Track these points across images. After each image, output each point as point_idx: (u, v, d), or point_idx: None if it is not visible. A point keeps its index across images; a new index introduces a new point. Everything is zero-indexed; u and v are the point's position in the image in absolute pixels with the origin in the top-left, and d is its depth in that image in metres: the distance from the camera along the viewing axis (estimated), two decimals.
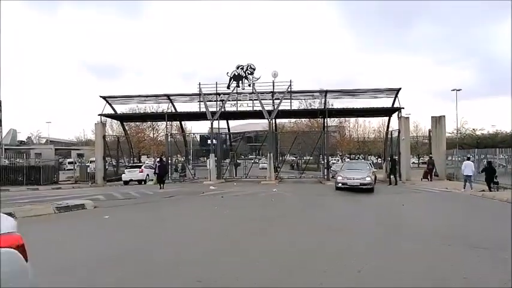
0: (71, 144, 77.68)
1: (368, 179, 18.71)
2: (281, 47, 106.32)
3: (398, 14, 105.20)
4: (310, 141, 34.80)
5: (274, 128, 33.95)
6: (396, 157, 26.85)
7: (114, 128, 50.86)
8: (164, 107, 32.76)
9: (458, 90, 42.83)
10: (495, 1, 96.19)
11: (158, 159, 25.42)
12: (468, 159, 22.27)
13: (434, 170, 28.17)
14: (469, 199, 17.13)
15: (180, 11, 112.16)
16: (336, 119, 53.02)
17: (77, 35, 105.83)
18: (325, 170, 29.43)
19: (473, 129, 40.81)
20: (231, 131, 51.39)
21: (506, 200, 15.42)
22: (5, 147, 64.94)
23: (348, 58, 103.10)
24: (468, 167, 20.28)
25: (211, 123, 28.44)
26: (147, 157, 49.90)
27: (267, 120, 28.21)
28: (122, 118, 32.09)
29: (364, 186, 18.38)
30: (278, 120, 56.44)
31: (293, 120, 52.86)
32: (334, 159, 54.26)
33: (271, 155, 27.86)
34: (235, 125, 55.74)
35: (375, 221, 10.58)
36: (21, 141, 79.12)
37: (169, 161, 30.36)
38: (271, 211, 12.21)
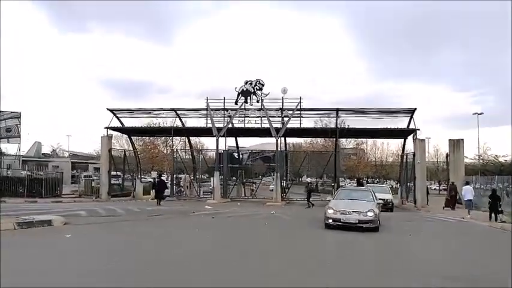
0: (90, 158, 78.30)
1: (370, 214, 12.81)
2: (300, 70, 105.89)
3: (420, 40, 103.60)
4: (324, 162, 33.34)
5: (284, 146, 32.95)
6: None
7: (129, 143, 50.80)
8: (178, 122, 32.02)
9: (480, 114, 41.03)
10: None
11: (158, 176, 25.03)
12: (467, 183, 22.15)
13: (457, 197, 24.68)
14: (485, 232, 15.49)
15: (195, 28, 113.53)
16: (353, 141, 51.69)
17: (103, 54, 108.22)
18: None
19: (496, 156, 38.63)
20: (249, 150, 50.67)
21: None
22: (28, 159, 65.86)
23: (367, 84, 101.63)
24: (468, 192, 20.84)
25: (217, 140, 27.50)
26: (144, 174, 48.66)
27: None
28: (129, 132, 31.58)
29: (364, 225, 12.69)
30: (295, 140, 56.29)
31: (308, 140, 51.69)
32: (352, 182, 52.56)
33: (278, 174, 26.65)
34: (254, 144, 54.86)
35: (365, 257, 9.24)
36: (45, 153, 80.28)
37: (174, 178, 29.61)
38: (252, 239, 11.03)
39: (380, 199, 21.42)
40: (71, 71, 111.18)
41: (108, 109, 29.43)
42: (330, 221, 12.81)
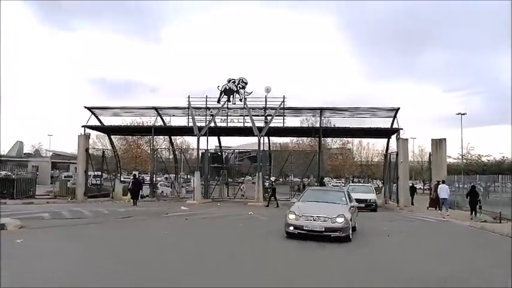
0: (73, 157, 76.74)
1: (340, 220, 10.39)
2: (289, 70, 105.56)
3: (407, 41, 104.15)
4: (309, 161, 32.92)
5: (268, 146, 32.51)
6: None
7: (114, 142, 49.77)
8: (160, 121, 31.18)
9: (463, 114, 41.32)
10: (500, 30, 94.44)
11: (133, 176, 24.61)
12: (443, 182, 22.80)
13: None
14: (465, 231, 15.21)
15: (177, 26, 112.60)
16: (339, 141, 51.53)
17: (90, 52, 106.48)
18: None
19: (479, 156, 38.77)
20: (238, 149, 49.92)
21: (506, 234, 13.49)
22: (8, 159, 64.45)
23: (354, 85, 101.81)
24: (443, 191, 21.65)
25: (198, 139, 26.91)
26: (127, 174, 47.68)
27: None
28: (108, 131, 30.78)
29: (332, 234, 10.33)
30: (282, 140, 55.82)
31: (295, 139, 51.34)
32: (337, 182, 52.31)
33: (260, 174, 26.16)
34: (242, 143, 54.19)
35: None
36: (28, 153, 78.63)
37: (154, 178, 29.01)
38: (219, 242, 10.52)
39: (363, 199, 21.06)
40: (58, 69, 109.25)
41: (86, 107, 28.63)
42: (291, 228, 10.42)
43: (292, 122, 33.09)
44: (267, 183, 29.52)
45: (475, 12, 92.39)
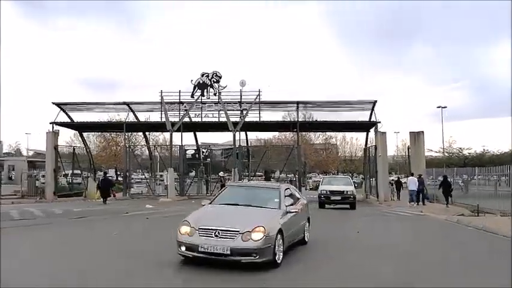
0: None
1: (257, 237, 6.72)
2: (272, 66, 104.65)
3: (393, 35, 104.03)
4: (291, 156, 32.08)
5: (246, 141, 31.76)
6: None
7: (91, 140, 48.42)
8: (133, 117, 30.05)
9: (444, 107, 41.15)
10: (484, 26, 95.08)
11: (103, 174, 23.85)
12: (412, 175, 23.39)
13: (425, 191, 23.21)
14: (441, 226, 14.65)
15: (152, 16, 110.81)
16: (322, 136, 50.95)
17: (72, 50, 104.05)
18: (298, 188, 26.83)
19: (460, 149, 38.53)
20: (218, 146, 49.02)
21: (481, 227, 12.95)
22: None
23: (339, 80, 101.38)
24: (412, 183, 22.28)
25: (171, 135, 26.04)
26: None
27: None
28: (78, 127, 29.65)
29: (243, 258, 6.68)
30: (266, 136, 55.05)
31: (277, 135, 50.55)
32: (319, 177, 51.61)
33: (236, 170, 25.38)
34: (228, 140, 53.23)
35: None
36: (8, 153, 76.86)
37: (127, 175, 28.04)
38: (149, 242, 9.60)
39: (339, 191, 19.32)
40: (40, 67, 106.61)
41: (54, 103, 27.45)
42: (183, 249, 6.90)
43: (274, 117, 32.28)
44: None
45: (461, 7, 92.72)
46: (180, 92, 27.34)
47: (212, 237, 6.70)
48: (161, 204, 20.81)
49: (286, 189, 8.99)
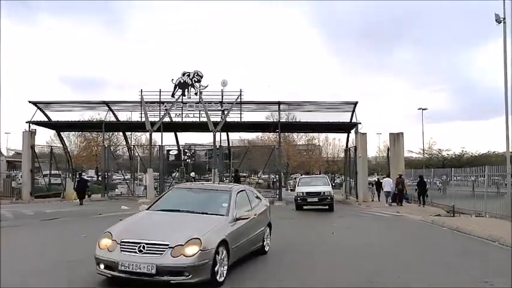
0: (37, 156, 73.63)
1: (191, 251, 5.58)
2: (260, 67, 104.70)
3: (378, 39, 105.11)
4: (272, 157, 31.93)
5: (227, 141, 31.62)
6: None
7: (71, 140, 47.57)
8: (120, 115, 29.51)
9: (424, 109, 41.76)
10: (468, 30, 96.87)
11: (78, 175, 23.54)
12: (388, 176, 24.57)
13: (404, 192, 23.09)
14: (416, 226, 14.75)
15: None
16: (304, 136, 51.07)
17: (55, 47, 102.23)
18: (278, 189, 26.84)
19: (439, 150, 39.23)
20: (207, 145, 48.70)
21: (455, 228, 13.09)
22: None
23: (324, 79, 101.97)
24: (387, 184, 22.93)
25: (150, 135, 25.70)
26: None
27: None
28: (56, 127, 29.06)
29: (173, 279, 5.52)
30: (250, 136, 54.95)
31: (260, 135, 50.50)
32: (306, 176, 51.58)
33: (216, 170, 25.15)
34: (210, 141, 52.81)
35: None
36: None
37: (106, 176, 27.65)
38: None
39: (316, 192, 18.60)
40: (21, 65, 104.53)
41: (30, 102, 26.83)
42: (102, 267, 5.77)
43: (258, 117, 32.05)
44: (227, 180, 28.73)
45: (446, 10, 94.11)
46: (160, 91, 27.02)
47: (136, 252, 5.53)
48: (139, 205, 20.49)
49: (240, 192, 7.74)
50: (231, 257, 6.34)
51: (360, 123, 25.99)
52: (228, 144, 31.69)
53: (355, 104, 26.01)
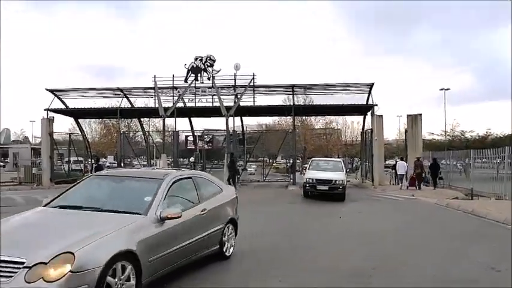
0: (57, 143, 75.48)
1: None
2: (274, 50, 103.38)
3: (398, 20, 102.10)
4: (285, 141, 31.51)
5: (241, 126, 31.36)
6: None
7: (92, 127, 48.42)
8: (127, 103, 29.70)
9: (447, 89, 40.33)
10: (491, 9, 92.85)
11: (95, 161, 24.03)
12: (402, 159, 24.40)
13: (423, 175, 22.29)
14: (429, 209, 14.30)
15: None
16: (322, 120, 50.43)
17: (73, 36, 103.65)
18: (292, 173, 26.61)
19: (462, 132, 37.93)
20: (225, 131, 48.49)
21: (471, 211, 12.62)
22: None
23: (345, 62, 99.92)
24: (401, 167, 22.90)
25: (163, 120, 25.75)
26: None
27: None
28: (73, 114, 29.42)
29: None
30: (267, 121, 54.49)
31: (277, 120, 50.07)
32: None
33: (228, 155, 25.06)
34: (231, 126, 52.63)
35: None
36: (17, 140, 77.52)
37: (122, 162, 28.01)
38: None
39: (326, 180, 16.20)
40: (43, 54, 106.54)
41: (47, 89, 27.21)
42: None
43: (274, 101, 31.36)
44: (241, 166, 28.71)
45: None
46: (173, 76, 26.89)
47: None
48: None
49: (179, 180, 5.85)
50: (147, 272, 4.57)
51: (376, 105, 25.32)
52: (242, 129, 31.41)
53: (371, 85, 25.29)
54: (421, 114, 25.35)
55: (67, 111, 28.71)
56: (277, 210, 13.42)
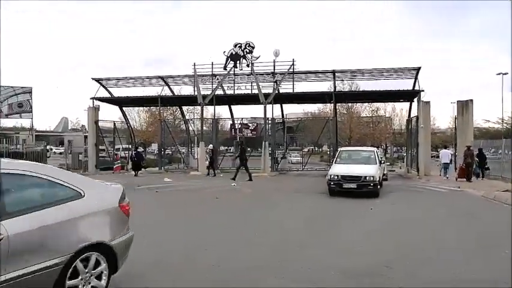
0: (108, 131, 78.86)
1: None
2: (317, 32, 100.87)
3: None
4: (325, 129, 30.40)
5: (281, 113, 30.85)
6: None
7: (140, 115, 49.76)
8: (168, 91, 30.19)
9: (505, 73, 37.29)
10: None
11: (134, 148, 24.86)
12: (445, 147, 23.97)
13: (474, 165, 20.53)
14: (472, 202, 13.20)
15: None
16: (368, 107, 48.60)
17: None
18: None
19: None
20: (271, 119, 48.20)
21: None
22: (43, 134, 67.38)
23: (393, 46, 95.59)
24: (445, 156, 21.94)
25: (202, 108, 25.91)
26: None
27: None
28: (117, 102, 30.31)
29: None
30: (312, 108, 53.29)
31: (321, 107, 48.95)
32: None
33: (266, 143, 24.78)
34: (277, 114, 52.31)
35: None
36: (75, 129, 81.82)
37: (162, 149, 28.62)
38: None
39: (354, 177, 13.73)
40: (109, 46, 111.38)
41: (93, 79, 28.20)
42: None
43: (312, 88, 30.36)
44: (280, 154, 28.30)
45: None
46: (212, 64, 26.88)
47: None
48: (189, 178, 20.87)
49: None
50: None
51: (423, 90, 23.87)
52: (283, 116, 30.93)
53: (418, 69, 23.88)
54: (472, 100, 23.58)
55: (111, 100, 29.59)
56: (305, 201, 13.01)
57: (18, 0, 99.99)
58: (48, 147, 61.79)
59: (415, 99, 25.24)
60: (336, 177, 13.94)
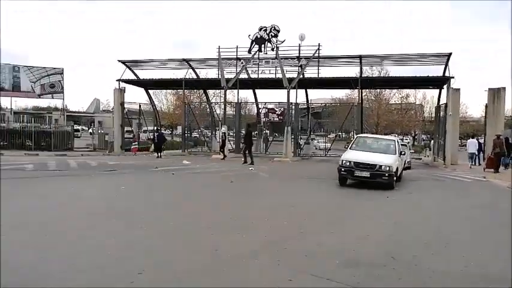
0: (135, 113, 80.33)
1: None
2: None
3: None
4: (350, 114, 29.74)
5: (306, 98, 30.48)
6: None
7: (168, 98, 50.23)
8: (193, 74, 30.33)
9: None
10: None
11: (156, 130, 25.32)
12: (473, 137, 23.99)
13: (505, 155, 19.63)
14: (495, 193, 12.73)
15: None
16: (398, 94, 47.32)
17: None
18: None
19: None
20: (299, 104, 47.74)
21: None
22: (74, 114, 69.29)
23: (423, 31, 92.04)
24: (472, 145, 22.10)
25: (225, 92, 25.88)
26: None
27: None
28: (143, 84, 30.73)
29: None
30: (339, 94, 52.33)
31: (349, 93, 48.04)
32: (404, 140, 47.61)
33: (289, 128, 24.55)
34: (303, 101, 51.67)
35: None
36: (107, 110, 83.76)
37: (186, 132, 28.94)
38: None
39: (369, 165, 12.40)
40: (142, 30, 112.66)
41: (119, 61, 28.60)
42: None
43: (339, 73, 29.63)
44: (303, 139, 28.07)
45: None
46: (237, 47, 26.72)
47: None
48: (210, 161, 21.04)
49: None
50: None
51: (453, 77, 23.04)
52: (307, 101, 30.56)
53: (449, 55, 22.95)
54: (504, 88, 22.58)
55: (136, 82, 29.99)
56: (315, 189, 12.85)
57: (18, 0, 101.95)
58: (79, 127, 63.55)
59: (445, 86, 24.38)
60: (347, 164, 12.62)
